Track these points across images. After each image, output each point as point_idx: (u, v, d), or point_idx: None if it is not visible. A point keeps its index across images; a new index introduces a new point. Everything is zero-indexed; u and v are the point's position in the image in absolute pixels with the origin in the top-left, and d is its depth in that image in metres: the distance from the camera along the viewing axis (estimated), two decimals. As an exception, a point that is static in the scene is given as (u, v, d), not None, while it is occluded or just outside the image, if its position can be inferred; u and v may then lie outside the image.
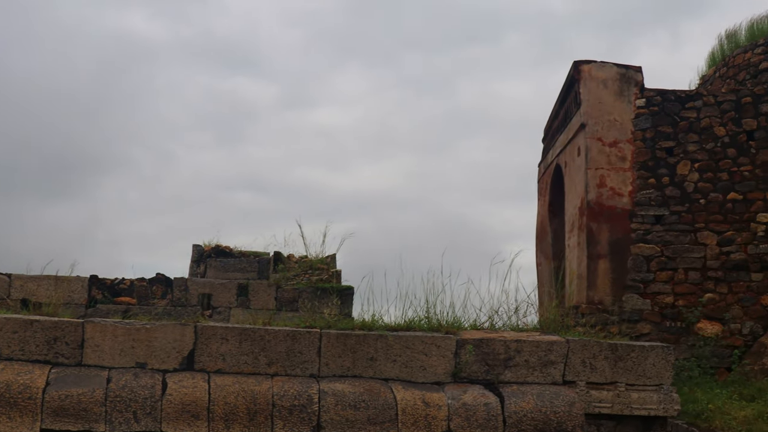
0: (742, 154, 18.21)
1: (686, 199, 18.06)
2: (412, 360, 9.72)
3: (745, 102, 18.44)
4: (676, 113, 18.43)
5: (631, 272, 17.79)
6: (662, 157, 18.24)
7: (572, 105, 19.30)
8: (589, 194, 17.98)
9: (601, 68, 18.59)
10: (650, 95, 18.51)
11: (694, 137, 18.29)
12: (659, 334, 17.48)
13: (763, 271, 17.76)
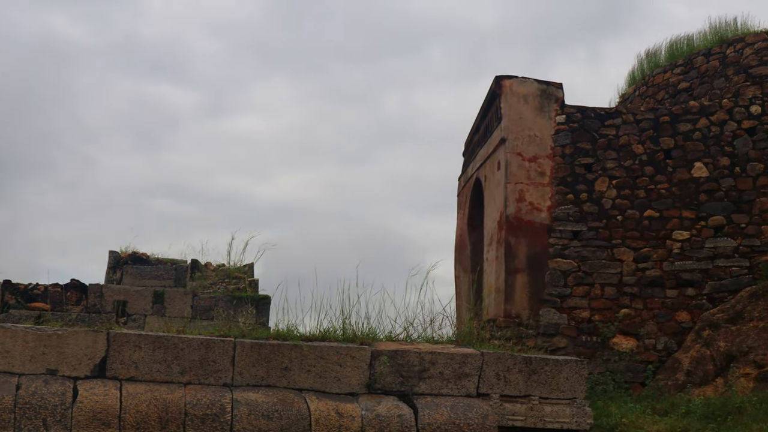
0: (659, 172, 18.44)
1: (604, 215, 18.25)
2: (327, 370, 9.67)
3: (663, 121, 18.68)
4: (595, 130, 18.63)
5: (549, 287, 17.91)
6: (581, 173, 18.42)
7: (493, 119, 19.40)
8: (508, 208, 18.08)
9: (523, 84, 18.73)
10: (570, 112, 18.68)
11: (613, 154, 18.49)
12: (575, 348, 17.61)
13: (678, 287, 17.98)
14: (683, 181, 18.37)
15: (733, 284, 17.85)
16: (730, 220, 18.14)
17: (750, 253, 17.97)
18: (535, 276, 17.95)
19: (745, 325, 16.70)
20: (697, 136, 18.55)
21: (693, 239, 18.12)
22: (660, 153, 18.54)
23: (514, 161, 18.30)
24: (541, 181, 18.30)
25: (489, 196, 19.55)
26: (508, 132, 18.45)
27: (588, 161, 18.47)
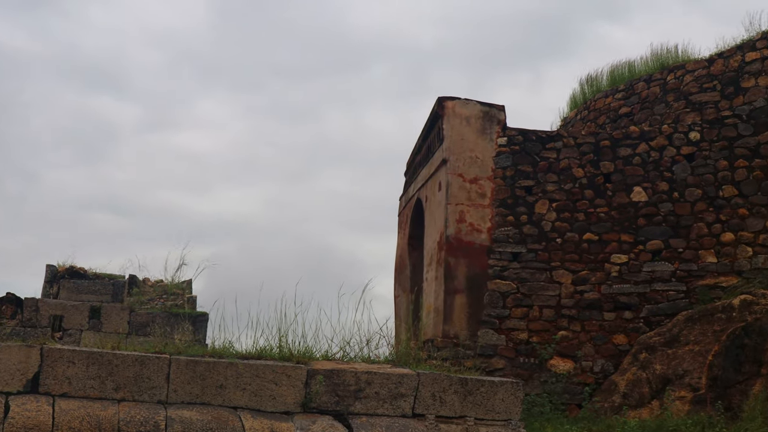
0: (599, 195, 18.59)
1: (543, 237, 18.36)
2: (262, 389, 9.61)
3: (604, 145, 18.85)
4: (536, 153, 18.75)
5: (487, 308, 17.96)
6: (521, 195, 18.52)
7: (435, 140, 19.46)
8: (449, 229, 18.13)
9: (465, 105, 18.81)
10: (512, 134, 18.80)
11: (553, 177, 18.62)
12: (513, 369, 17.67)
13: (615, 310, 18.12)
14: (622, 205, 18.53)
15: (670, 308, 18.03)
16: (668, 244, 18.32)
17: (687, 278, 18.16)
18: (474, 297, 18.00)
19: (681, 348, 16.85)
20: (637, 161, 18.74)
21: (631, 263, 18.28)
22: (600, 177, 18.70)
23: (455, 182, 18.36)
24: (481, 202, 18.37)
25: (430, 217, 19.59)
26: (449, 153, 18.51)
27: (529, 184, 18.58)
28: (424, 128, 20.50)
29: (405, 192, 22.88)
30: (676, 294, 18.11)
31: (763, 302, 16.51)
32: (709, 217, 18.37)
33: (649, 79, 23.30)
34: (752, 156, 18.50)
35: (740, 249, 18.15)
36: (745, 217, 18.25)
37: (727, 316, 16.72)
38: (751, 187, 18.35)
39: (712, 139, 18.72)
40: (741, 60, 21.75)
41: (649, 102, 23.00)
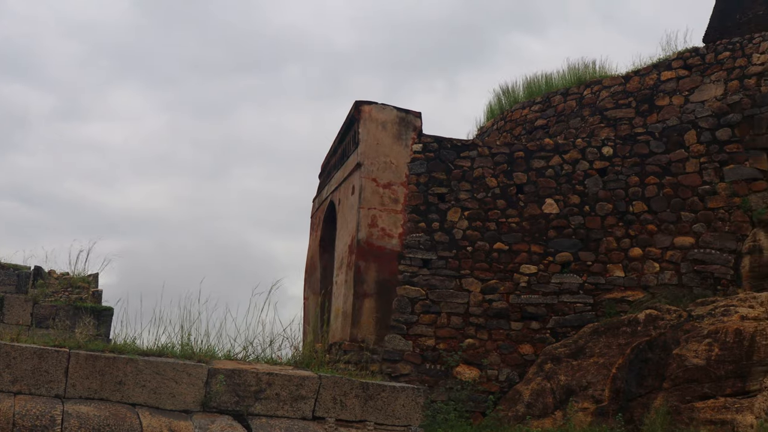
0: (511, 206, 18.70)
1: (454, 245, 18.41)
2: (162, 386, 9.49)
3: (518, 156, 18.97)
4: (451, 161, 18.80)
5: (396, 313, 17.96)
6: (434, 202, 18.56)
7: (351, 143, 19.43)
8: (360, 233, 18.10)
9: (382, 110, 18.80)
10: (427, 141, 18.83)
11: (467, 186, 18.69)
12: (419, 375, 17.69)
13: (523, 320, 18.24)
14: (534, 217, 18.67)
15: (577, 320, 18.20)
16: (577, 257, 18.49)
17: (594, 291, 18.36)
18: (383, 302, 17.98)
19: (586, 360, 17.00)
20: (550, 173, 18.89)
21: (540, 274, 18.42)
22: (513, 187, 18.81)
23: (369, 186, 18.35)
24: (394, 207, 18.37)
25: (342, 220, 19.56)
26: (364, 157, 18.49)
27: (442, 191, 18.63)
28: (340, 131, 20.46)
29: (318, 194, 22.82)
30: (583, 306, 18.29)
31: (668, 317, 16.74)
32: (618, 232, 18.59)
33: (566, 93, 23.54)
34: (663, 173, 18.75)
35: (647, 264, 18.39)
36: (654, 233, 18.50)
37: (632, 330, 16.91)
38: (661, 204, 18.61)
39: (624, 155, 18.94)
40: (657, 78, 22.07)
41: (565, 115, 23.23)
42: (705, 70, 21.49)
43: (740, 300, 16.59)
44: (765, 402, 14.02)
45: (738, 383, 14.62)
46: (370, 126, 18.69)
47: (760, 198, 18.31)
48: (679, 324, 16.42)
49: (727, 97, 20.04)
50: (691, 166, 18.73)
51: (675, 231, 18.49)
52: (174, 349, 10.10)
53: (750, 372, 14.57)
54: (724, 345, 15.10)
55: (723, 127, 18.80)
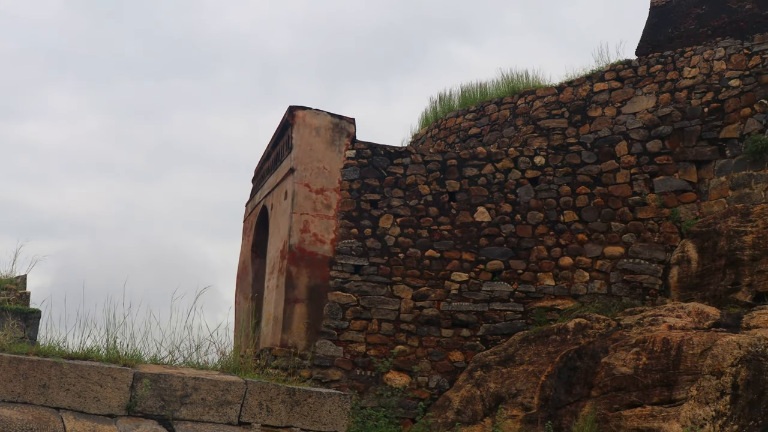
0: (443, 213, 18.77)
1: (386, 252, 18.44)
2: (87, 390, 9.36)
3: (451, 164, 19.04)
4: (384, 168, 18.83)
5: (327, 319, 17.95)
6: (367, 208, 18.58)
7: (284, 148, 19.40)
8: (292, 238, 18.06)
9: (316, 116, 18.80)
10: (361, 147, 18.86)
11: (399, 193, 18.74)
12: (349, 381, 17.69)
13: (453, 327, 18.31)
14: (465, 224, 18.75)
15: (507, 328, 18.31)
16: (508, 265, 18.60)
17: (525, 299, 18.48)
18: (314, 307, 17.97)
19: (516, 368, 17.09)
20: (482, 182, 18.99)
21: (471, 281, 18.50)
22: (445, 195, 18.89)
23: (302, 192, 18.32)
24: (326, 213, 18.37)
25: (274, 225, 19.51)
26: (297, 162, 18.46)
27: (374, 197, 18.66)
28: (273, 136, 20.41)
29: (251, 198, 22.74)
30: (514, 314, 18.41)
31: (597, 326, 16.88)
32: (549, 241, 18.73)
33: (500, 102, 23.68)
34: (594, 183, 18.94)
35: (578, 273, 18.55)
36: (584, 242, 18.67)
37: (561, 338, 17.04)
38: (592, 214, 18.78)
39: (556, 165, 19.10)
40: (590, 90, 22.27)
41: (498, 124, 23.36)
42: (637, 83, 21.73)
43: (668, 310, 16.77)
44: (691, 411, 14.18)
45: (665, 392, 14.76)
46: (303, 131, 18.68)
47: (689, 209, 18.56)
48: (608, 333, 16.56)
49: (658, 110, 20.29)
50: (622, 176, 18.93)
51: (605, 241, 18.67)
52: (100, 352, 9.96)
53: (677, 381, 14.71)
54: (652, 354, 15.24)
55: (654, 139, 19.03)
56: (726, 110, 18.66)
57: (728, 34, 21.04)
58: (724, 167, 18.45)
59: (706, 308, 16.47)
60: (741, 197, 18.06)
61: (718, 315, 16.16)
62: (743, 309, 16.28)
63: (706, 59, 21.02)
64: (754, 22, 20.79)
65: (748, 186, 18.02)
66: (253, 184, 22.98)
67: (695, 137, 18.80)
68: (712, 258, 17.55)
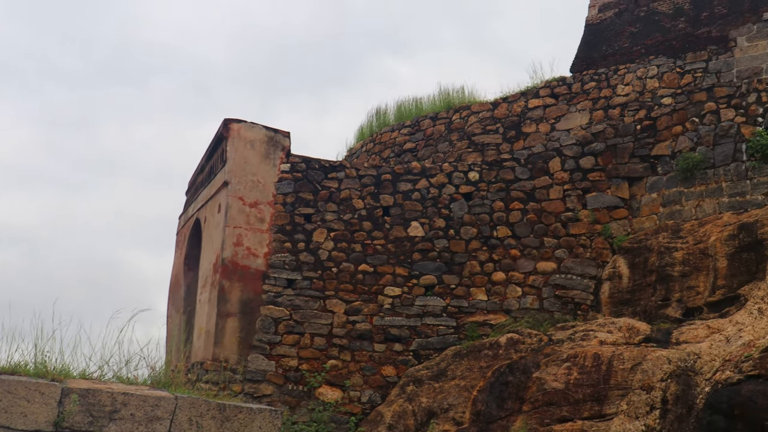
0: (377, 228, 18.77)
1: (319, 266, 18.39)
2: (14, 406, 9.20)
3: (385, 179, 19.06)
4: (318, 182, 18.80)
5: (259, 333, 17.86)
6: (300, 222, 18.53)
7: (218, 161, 19.30)
8: (225, 252, 17.96)
9: (251, 129, 18.73)
10: (295, 161, 18.82)
11: (333, 207, 18.71)
12: (281, 396, 17.61)
13: (386, 342, 18.30)
14: (399, 239, 18.76)
15: (439, 342, 18.33)
16: (441, 280, 18.63)
17: (457, 314, 18.51)
18: (247, 321, 17.88)
19: (448, 383, 17.11)
20: (416, 197, 19.02)
21: (404, 296, 18.51)
22: (379, 209, 18.89)
23: (235, 205, 18.24)
24: (260, 227, 18.29)
25: (207, 238, 19.39)
26: (231, 175, 18.38)
27: (308, 211, 18.62)
28: (208, 149, 20.30)
29: (185, 211, 22.58)
30: (446, 329, 18.43)
31: (529, 341, 16.96)
32: (482, 256, 18.80)
33: (435, 117, 23.77)
34: (527, 199, 19.05)
35: (510, 289, 18.63)
36: (517, 258, 18.76)
37: (493, 353, 17.09)
38: (525, 230, 18.89)
39: (490, 180, 19.18)
40: (524, 106, 22.44)
41: (433, 139, 23.44)
42: (571, 99, 21.94)
43: (599, 325, 16.90)
44: (621, 425, 14.28)
45: (595, 407, 14.86)
46: (238, 144, 18.60)
47: (621, 226, 18.74)
48: (540, 348, 16.65)
49: (591, 126, 20.49)
50: (555, 192, 19.06)
51: (538, 256, 18.78)
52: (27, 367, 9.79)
53: (607, 396, 14.81)
54: (583, 369, 15.34)
55: (587, 156, 19.19)
56: (658, 128, 18.88)
57: (661, 52, 21.33)
58: (655, 184, 18.66)
59: (637, 324, 16.63)
60: (672, 214, 18.27)
61: (649, 330, 16.33)
62: (673, 324, 16.47)
63: (639, 77, 21.29)
64: (686, 42, 21.09)
65: (679, 203, 18.24)
66: (187, 196, 22.83)
67: (628, 154, 18.99)
68: (643, 274, 17.72)
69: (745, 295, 15.99)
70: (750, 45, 20.22)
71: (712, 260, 16.75)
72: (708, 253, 16.84)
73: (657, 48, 21.52)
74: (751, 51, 20.17)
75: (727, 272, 16.51)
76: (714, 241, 16.81)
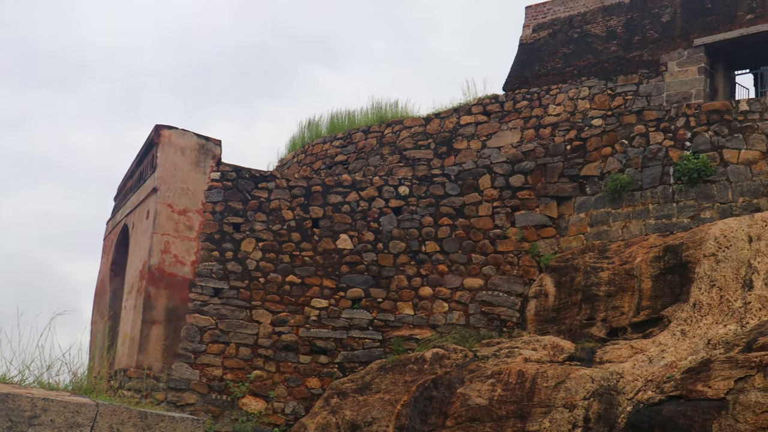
0: (305, 239, 18.75)
1: (247, 275, 18.32)
2: (-71, 409, 9.05)
3: (315, 190, 19.05)
4: (248, 191, 18.74)
5: (184, 341, 17.74)
6: (229, 231, 18.45)
7: (149, 167, 19.16)
8: (152, 258, 17.83)
9: (182, 136, 18.63)
10: (226, 170, 18.74)
11: (263, 217, 18.66)
12: (205, 405, 17.50)
13: (311, 354, 18.28)
14: (328, 251, 18.76)
15: (365, 356, 18.34)
16: (368, 293, 18.66)
17: (384, 327, 18.55)
18: (172, 329, 17.75)
19: (372, 396, 17.11)
20: (346, 209, 19.04)
21: (331, 308, 18.51)
22: (308, 221, 18.88)
23: (164, 212, 18.11)
24: (188, 234, 18.19)
25: (135, 244, 19.22)
26: (161, 182, 18.25)
27: (238, 221, 18.55)
28: (138, 154, 20.13)
29: (113, 216, 22.37)
30: (372, 342, 18.46)
31: (454, 357, 17.02)
32: (410, 271, 18.86)
33: (368, 131, 23.84)
34: (456, 215, 19.15)
35: (437, 304, 18.71)
36: (445, 273, 18.84)
37: (418, 367, 17.13)
38: (453, 245, 18.98)
39: (420, 195, 19.26)
40: (456, 122, 22.59)
41: (365, 152, 23.49)
42: (503, 117, 22.13)
43: (524, 342, 17.02)
44: (542, 443, 14.39)
45: (518, 423, 14.94)
46: (169, 151, 18.48)
47: (548, 244, 18.91)
48: (465, 364, 16.72)
49: (522, 145, 20.69)
50: (484, 209, 19.19)
51: (465, 272, 18.88)
52: (-55, 372, 9.65)
53: (530, 413, 14.91)
54: (507, 386, 15.43)
55: (517, 174, 19.35)
56: (588, 149, 19.10)
57: (593, 74, 21.59)
58: (583, 204, 18.86)
59: (562, 342, 16.77)
60: (599, 234, 18.48)
61: (573, 349, 16.48)
62: (597, 344, 16.63)
63: (571, 98, 21.53)
64: (618, 64, 21.37)
65: (606, 223, 18.45)
66: (116, 201, 22.62)
67: (557, 174, 19.18)
68: (569, 293, 17.90)
69: (668, 316, 16.20)
70: (680, 70, 20.55)
71: (638, 281, 16.96)
72: (633, 273, 17.05)
73: (589, 69, 21.79)
74: (681, 76, 20.49)
75: (652, 293, 16.74)
76: (639, 262, 17.03)
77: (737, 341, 14.49)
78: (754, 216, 16.65)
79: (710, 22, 20.51)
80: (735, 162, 17.59)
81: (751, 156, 17.53)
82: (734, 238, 16.29)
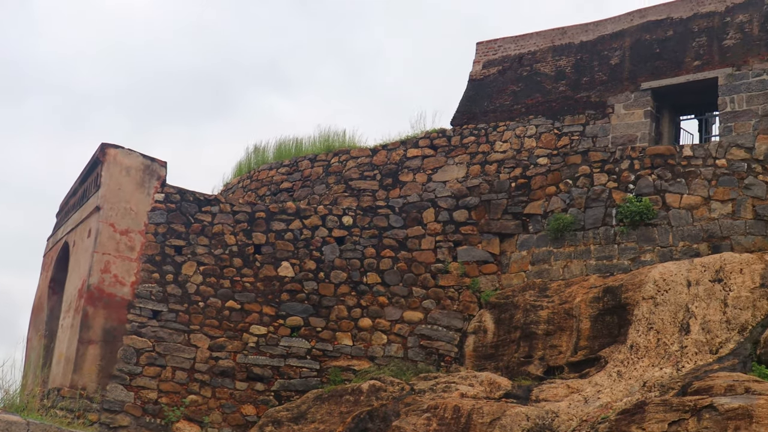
0: (247, 265, 18.70)
1: (187, 299, 18.23)
2: None
3: (259, 216, 19.03)
4: (191, 214, 18.68)
5: (120, 362, 17.59)
6: (171, 254, 18.36)
7: (92, 185, 19.03)
8: (92, 278, 17.69)
9: (128, 155, 18.55)
10: (170, 192, 18.67)
11: (205, 241, 18.60)
12: (138, 428, 17.36)
13: (248, 380, 18.20)
14: (269, 278, 18.72)
15: (302, 384, 18.30)
16: (308, 322, 18.64)
17: (322, 357, 18.52)
18: (109, 350, 17.60)
19: (307, 426, 17.07)
20: (289, 237, 19.03)
21: (269, 336, 18.45)
22: (251, 247, 18.84)
23: (106, 231, 18.00)
24: (129, 255, 18.07)
25: (75, 262, 19.06)
26: (104, 201, 18.14)
27: (179, 243, 18.46)
28: (83, 171, 19.99)
29: (54, 233, 22.17)
30: (309, 371, 18.42)
31: (391, 389, 17.03)
32: (350, 301, 18.86)
33: (314, 159, 23.84)
34: (399, 248, 19.21)
35: (376, 335, 18.72)
36: (385, 305, 18.87)
37: (355, 398, 17.11)
38: (394, 278, 19.02)
39: (363, 226, 19.29)
40: (403, 154, 22.67)
41: (311, 181, 23.49)
42: (450, 152, 22.24)
43: (462, 378, 17.07)
44: (475, 479, 14.42)
45: (452, 458, 14.97)
46: (113, 170, 18.39)
47: (490, 281, 19.01)
48: (401, 397, 16.73)
49: (467, 180, 20.81)
50: (427, 243, 19.27)
51: (405, 305, 18.93)
52: None
53: (464, 448, 14.94)
54: (443, 420, 15.45)
55: (461, 209, 19.46)
56: (532, 187, 19.26)
57: (541, 113, 21.79)
58: (526, 242, 19.00)
59: (499, 379, 16.85)
60: (540, 272, 18.61)
61: (510, 386, 16.56)
62: (534, 382, 16.73)
63: (518, 135, 21.71)
64: (566, 104, 21.58)
65: (548, 262, 18.59)
66: (57, 218, 22.42)
67: (501, 210, 19.31)
68: (508, 330, 17.98)
69: (605, 357, 16.34)
70: (627, 113, 20.77)
71: (576, 321, 17.09)
72: (572, 313, 17.18)
73: (537, 108, 21.98)
74: (627, 118, 20.71)
75: (590, 333, 16.88)
76: (579, 302, 17.17)
77: (672, 384, 14.65)
78: (694, 261, 16.88)
79: (658, 66, 20.76)
80: (677, 206, 17.83)
81: (692, 201, 17.78)
82: (673, 282, 16.49)
